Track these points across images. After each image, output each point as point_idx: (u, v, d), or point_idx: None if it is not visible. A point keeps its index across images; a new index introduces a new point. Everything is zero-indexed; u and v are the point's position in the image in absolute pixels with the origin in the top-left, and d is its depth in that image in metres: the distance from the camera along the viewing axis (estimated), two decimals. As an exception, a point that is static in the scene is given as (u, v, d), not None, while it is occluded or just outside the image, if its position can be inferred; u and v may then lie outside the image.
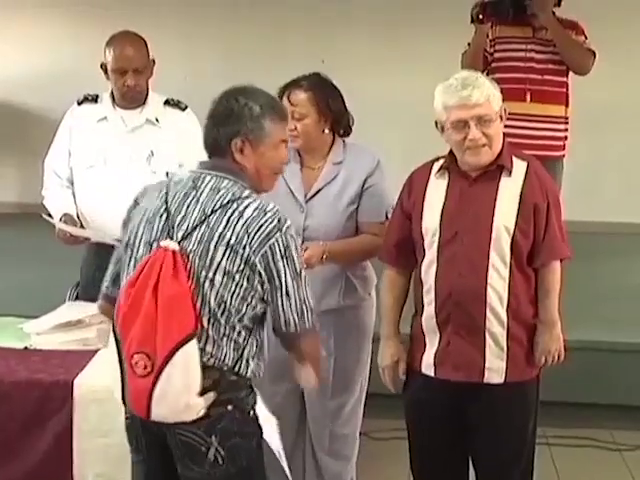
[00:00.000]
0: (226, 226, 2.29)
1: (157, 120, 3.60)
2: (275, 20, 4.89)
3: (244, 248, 2.28)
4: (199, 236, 2.30)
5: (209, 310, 2.29)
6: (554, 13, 4.25)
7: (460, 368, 2.88)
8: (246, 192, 2.35)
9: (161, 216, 2.37)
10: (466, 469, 3.09)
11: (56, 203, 3.60)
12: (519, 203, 2.84)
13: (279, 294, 2.32)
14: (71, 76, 4.72)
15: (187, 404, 2.26)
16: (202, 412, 2.28)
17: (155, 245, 2.33)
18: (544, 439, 4.01)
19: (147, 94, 3.61)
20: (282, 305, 2.33)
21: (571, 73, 4.29)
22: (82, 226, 3.57)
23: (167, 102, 3.66)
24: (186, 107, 3.68)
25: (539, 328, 2.92)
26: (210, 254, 2.28)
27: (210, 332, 2.29)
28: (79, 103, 3.69)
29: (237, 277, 2.28)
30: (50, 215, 3.58)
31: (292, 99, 3.17)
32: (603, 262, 5.41)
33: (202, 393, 2.27)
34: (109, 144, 3.57)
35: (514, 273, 2.84)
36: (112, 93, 3.62)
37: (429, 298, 2.90)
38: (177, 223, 2.33)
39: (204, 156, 3.62)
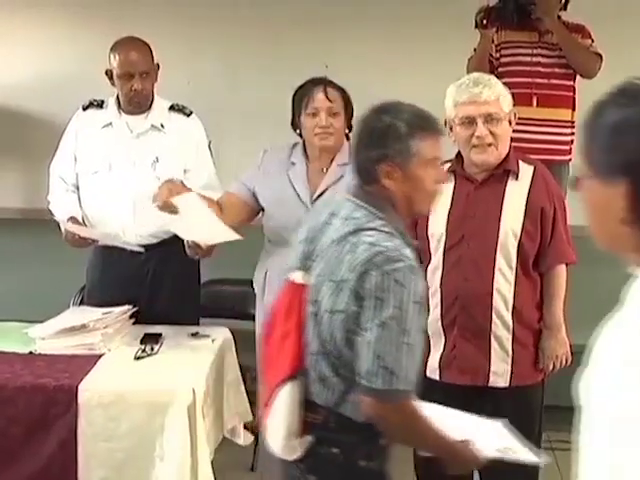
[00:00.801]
0: (338, 260, 2.12)
1: (162, 126, 3.60)
2: (278, 25, 4.89)
3: (346, 286, 2.08)
4: (317, 268, 2.17)
5: (316, 349, 2.16)
6: (560, 17, 4.25)
7: (466, 372, 2.88)
8: (375, 223, 2.13)
9: (301, 242, 2.26)
10: (471, 473, 3.08)
11: (62, 208, 3.60)
12: (526, 207, 2.84)
13: (358, 338, 2.07)
14: (73, 80, 4.71)
15: (285, 444, 2.17)
16: (298, 454, 2.18)
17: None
18: (548, 444, 3.99)
19: (152, 99, 3.61)
20: (358, 351, 2.08)
21: (578, 77, 4.28)
22: None
23: (172, 107, 3.65)
24: (191, 112, 3.67)
25: (544, 333, 2.92)
26: (319, 289, 2.14)
27: (316, 371, 2.17)
28: (84, 108, 3.68)
29: (337, 317, 2.10)
30: None
31: (330, 95, 3.20)
32: (607, 266, 5.39)
33: (306, 432, 2.18)
34: (114, 150, 3.56)
35: (520, 277, 2.85)
36: (117, 99, 3.61)
37: (434, 301, 2.90)
38: (311, 252, 2.21)
39: (208, 162, 3.66)
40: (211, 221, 3.06)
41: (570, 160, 4.38)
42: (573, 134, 4.36)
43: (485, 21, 4.20)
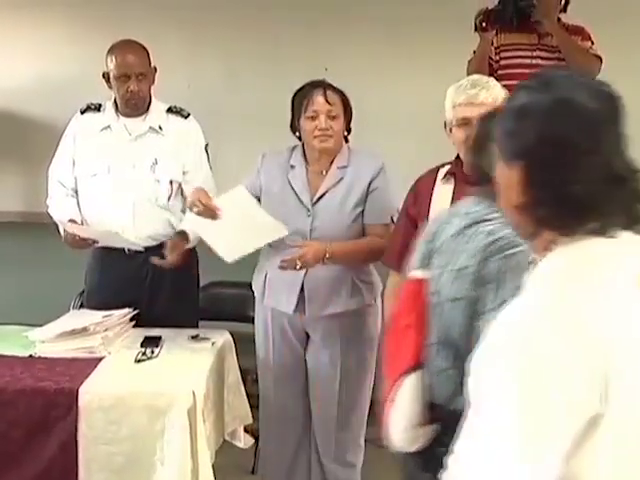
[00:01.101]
0: (457, 250, 2.19)
1: (160, 128, 3.60)
2: (278, 28, 4.89)
3: (466, 272, 2.14)
4: (436, 262, 2.25)
5: (436, 340, 2.20)
6: (559, 19, 4.25)
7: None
8: (492, 215, 2.18)
9: (421, 244, 2.35)
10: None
11: (61, 211, 3.59)
12: None
13: (478, 323, 2.07)
14: (74, 84, 4.72)
15: (405, 436, 2.20)
16: (417, 446, 2.20)
17: None
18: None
19: (150, 102, 3.62)
20: (479, 337, 2.15)
21: None
22: None
23: (170, 110, 3.66)
24: (189, 114, 3.68)
25: None
26: (439, 280, 2.21)
27: (434, 364, 2.21)
28: (82, 112, 3.68)
29: (458, 304, 2.15)
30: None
31: (329, 98, 3.20)
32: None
33: (426, 424, 2.20)
34: (113, 153, 3.56)
35: None
36: (115, 102, 3.62)
37: None
38: (430, 250, 2.29)
39: (204, 164, 3.66)
40: (260, 216, 3.08)
41: None
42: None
43: (484, 24, 4.20)
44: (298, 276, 3.18)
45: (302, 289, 3.21)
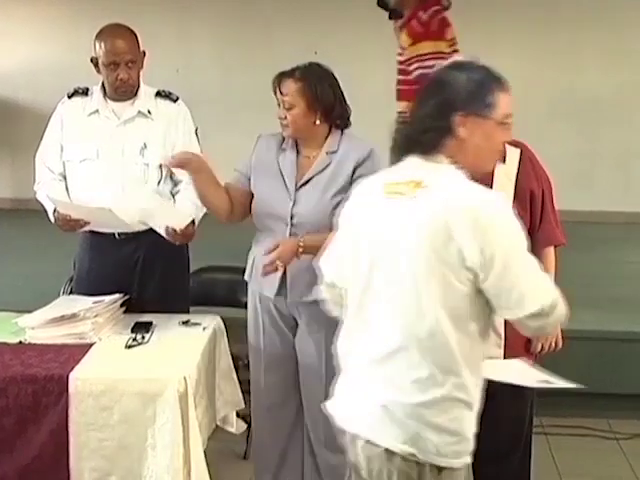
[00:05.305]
0: None
1: (149, 112, 3.57)
2: (267, 13, 4.88)
3: None
4: None
5: None
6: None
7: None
8: None
9: None
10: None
11: (50, 194, 3.56)
12: (515, 190, 2.83)
13: None
14: (64, 70, 4.71)
15: None
16: None
17: None
18: (541, 428, 4.01)
19: (138, 86, 3.59)
20: None
21: None
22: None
23: (158, 94, 3.63)
24: (177, 98, 3.66)
25: None
26: None
27: None
28: (69, 96, 3.65)
29: None
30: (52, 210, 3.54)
31: (282, 88, 3.16)
32: (595, 250, 5.42)
33: None
34: (101, 137, 3.53)
35: None
36: (103, 86, 3.58)
37: None
38: None
39: (195, 148, 3.64)
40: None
41: None
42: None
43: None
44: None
45: (284, 274, 3.18)
